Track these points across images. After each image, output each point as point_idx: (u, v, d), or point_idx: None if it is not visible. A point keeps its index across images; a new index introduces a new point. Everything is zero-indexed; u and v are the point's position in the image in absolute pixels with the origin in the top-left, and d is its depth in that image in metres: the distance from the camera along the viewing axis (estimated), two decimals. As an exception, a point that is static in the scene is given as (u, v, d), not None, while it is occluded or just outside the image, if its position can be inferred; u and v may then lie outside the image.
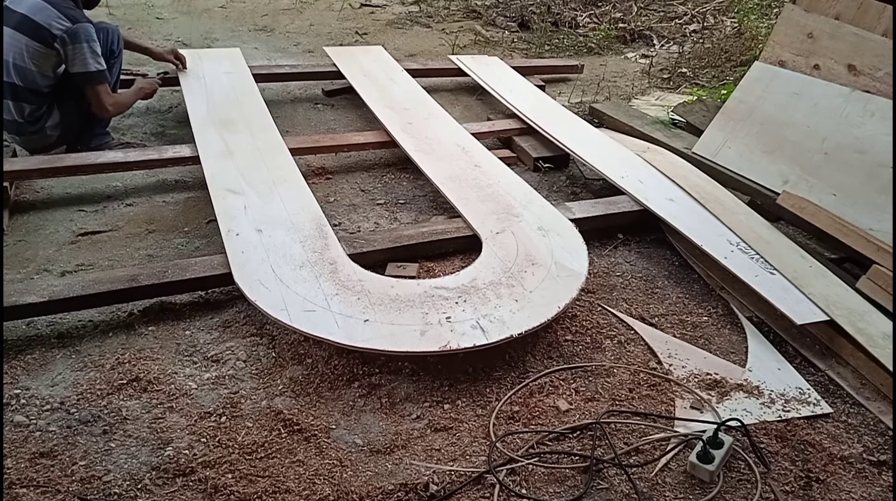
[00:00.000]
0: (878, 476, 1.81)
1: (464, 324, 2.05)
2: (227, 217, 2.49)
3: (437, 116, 3.54)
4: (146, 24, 5.26)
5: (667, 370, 2.12)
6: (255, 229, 2.43)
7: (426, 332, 2.01)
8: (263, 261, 2.24)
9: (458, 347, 1.97)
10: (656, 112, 4.05)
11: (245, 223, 2.46)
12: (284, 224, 2.48)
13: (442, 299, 2.16)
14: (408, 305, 2.12)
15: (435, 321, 2.05)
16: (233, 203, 2.58)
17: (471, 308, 2.12)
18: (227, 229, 2.42)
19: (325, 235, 2.44)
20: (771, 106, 3.15)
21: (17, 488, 1.58)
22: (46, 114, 3.02)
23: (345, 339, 1.97)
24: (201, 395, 1.91)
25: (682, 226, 2.66)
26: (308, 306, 2.08)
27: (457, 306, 2.12)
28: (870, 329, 2.17)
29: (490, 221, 2.62)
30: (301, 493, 1.63)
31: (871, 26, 2.92)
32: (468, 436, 1.85)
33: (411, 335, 2.00)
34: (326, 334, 1.98)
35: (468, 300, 2.16)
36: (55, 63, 2.96)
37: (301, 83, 4.20)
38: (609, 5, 6.31)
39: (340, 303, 2.10)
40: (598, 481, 1.73)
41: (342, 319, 2.03)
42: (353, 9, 6.19)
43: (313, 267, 2.26)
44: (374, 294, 2.15)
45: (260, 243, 2.35)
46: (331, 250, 2.36)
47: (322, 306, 2.08)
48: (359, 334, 1.98)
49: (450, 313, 2.09)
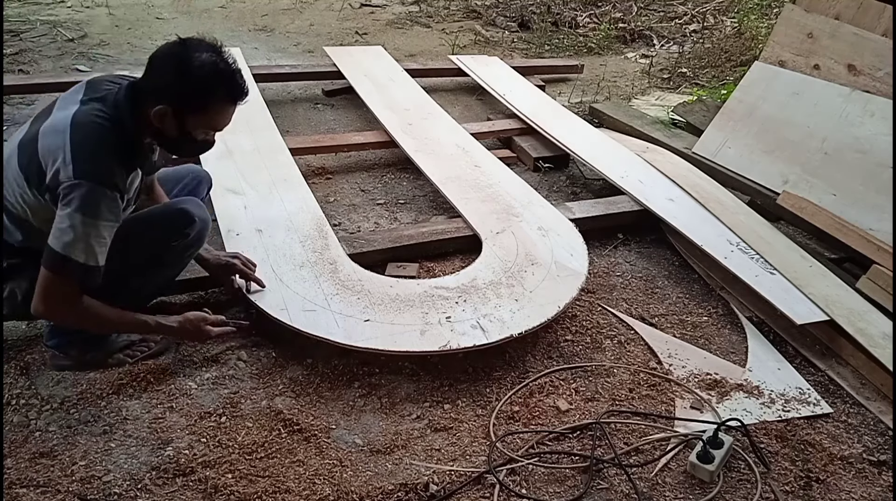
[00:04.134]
0: (878, 476, 1.81)
1: (464, 324, 2.05)
2: (227, 217, 2.49)
3: (437, 116, 3.54)
4: (146, 25, 5.25)
5: (667, 370, 2.12)
6: (255, 230, 2.43)
7: (426, 332, 2.01)
8: (264, 261, 2.24)
9: (459, 347, 1.97)
10: (656, 112, 4.05)
11: (245, 224, 2.46)
12: (284, 224, 2.48)
13: (442, 298, 2.16)
14: (408, 305, 2.12)
15: (435, 321, 2.05)
16: (233, 203, 2.58)
17: (471, 308, 2.12)
18: (228, 229, 2.42)
19: (325, 235, 2.44)
20: (771, 106, 3.14)
21: (17, 488, 1.58)
22: (14, 273, 1.84)
23: (344, 339, 1.97)
24: (201, 395, 1.90)
25: (682, 226, 2.66)
26: (308, 305, 2.08)
27: (457, 306, 2.12)
28: (870, 329, 2.17)
29: (490, 221, 2.62)
30: (301, 493, 1.63)
31: (871, 26, 2.92)
32: (468, 436, 1.85)
33: (411, 334, 2.00)
34: (326, 333, 1.98)
35: (468, 300, 2.16)
36: (43, 218, 1.74)
37: (301, 83, 4.20)
38: (609, 5, 6.31)
39: (340, 303, 2.10)
40: (598, 481, 1.73)
41: (342, 318, 2.03)
42: (353, 9, 6.19)
43: (313, 267, 2.26)
44: (375, 294, 2.15)
45: (260, 243, 2.35)
46: (331, 249, 2.36)
47: (322, 306, 2.08)
48: (358, 333, 1.98)
49: (450, 312, 2.09)
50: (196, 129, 1.77)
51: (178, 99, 1.70)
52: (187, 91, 1.70)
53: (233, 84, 1.74)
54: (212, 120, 1.77)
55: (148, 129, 1.76)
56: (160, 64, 1.72)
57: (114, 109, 1.72)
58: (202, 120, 1.76)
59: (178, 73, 1.69)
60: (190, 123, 1.75)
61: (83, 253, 1.67)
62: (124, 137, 1.73)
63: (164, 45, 1.75)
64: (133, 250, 1.86)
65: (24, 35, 4.74)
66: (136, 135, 1.76)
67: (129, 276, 1.88)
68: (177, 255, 1.98)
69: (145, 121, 1.73)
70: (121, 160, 1.72)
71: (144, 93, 1.73)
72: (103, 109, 1.71)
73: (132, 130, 1.74)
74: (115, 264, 1.75)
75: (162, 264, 1.97)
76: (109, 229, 1.71)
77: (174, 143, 1.81)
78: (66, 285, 1.71)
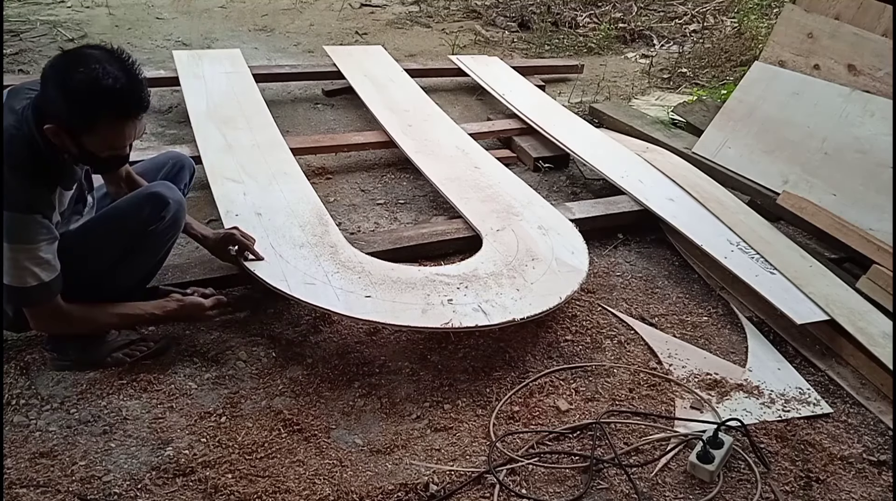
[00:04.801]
0: (878, 476, 1.81)
1: (465, 307, 2.04)
2: (225, 201, 2.46)
3: (437, 117, 3.54)
4: (146, 24, 5.25)
5: (667, 370, 2.12)
6: (254, 213, 2.41)
7: (428, 311, 2.00)
8: (263, 239, 2.23)
9: (461, 325, 1.96)
10: (656, 112, 4.05)
11: (244, 207, 2.45)
12: (284, 210, 2.47)
13: (444, 284, 2.15)
14: (409, 286, 2.11)
15: (436, 302, 2.05)
16: (232, 188, 2.57)
17: (472, 293, 2.11)
18: (226, 210, 2.40)
19: (325, 222, 2.43)
20: (771, 106, 3.14)
21: (17, 488, 1.58)
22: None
23: (345, 310, 1.95)
24: (201, 395, 1.90)
25: (682, 226, 2.66)
26: (308, 279, 2.06)
27: (458, 291, 2.12)
28: (870, 329, 2.17)
29: (490, 219, 2.62)
30: (301, 493, 1.63)
31: (871, 26, 2.92)
32: (468, 436, 1.85)
33: (413, 312, 1.98)
34: (327, 304, 1.95)
35: (470, 287, 2.15)
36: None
37: (301, 83, 4.20)
38: (609, 5, 6.31)
39: (341, 280, 2.09)
40: (598, 481, 1.73)
41: (343, 293, 2.01)
42: (353, 9, 6.19)
43: (313, 248, 2.25)
44: (375, 275, 2.14)
45: (259, 224, 2.33)
46: (331, 235, 2.35)
47: (322, 282, 2.06)
48: (359, 306, 1.96)
49: (452, 296, 2.09)
50: (94, 147, 1.65)
51: (63, 119, 1.59)
52: (70, 111, 1.58)
53: (118, 100, 1.58)
54: (105, 139, 1.64)
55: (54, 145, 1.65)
56: (45, 80, 1.60)
57: (24, 124, 1.64)
58: (95, 139, 1.63)
59: (59, 91, 1.57)
60: (86, 142, 1.63)
61: (32, 277, 1.67)
62: (38, 153, 1.64)
63: (52, 59, 1.62)
64: (112, 242, 1.85)
65: (24, 35, 4.74)
66: (48, 150, 1.65)
67: (114, 269, 1.87)
68: (157, 239, 1.93)
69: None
70: (36, 180, 1.65)
71: (40, 110, 1.63)
72: (14, 125, 1.63)
73: (43, 147, 1.64)
74: (98, 261, 1.76)
75: (144, 251, 1.93)
76: (46, 245, 1.68)
77: (80, 159, 1.71)
78: (41, 308, 1.75)
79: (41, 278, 1.68)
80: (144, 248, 1.93)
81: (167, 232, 1.95)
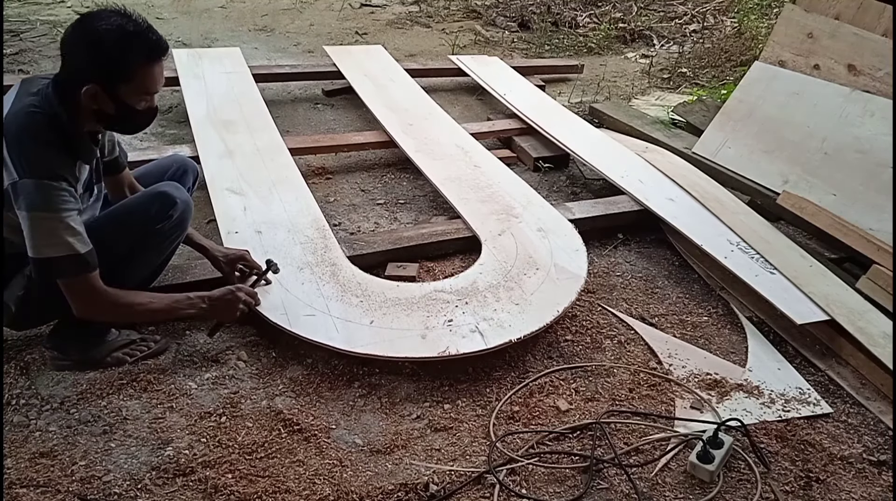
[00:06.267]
0: (878, 476, 1.81)
1: (463, 328, 2.06)
2: (226, 218, 2.49)
3: (437, 116, 3.54)
4: (146, 24, 5.25)
5: (667, 370, 2.12)
6: (254, 231, 2.43)
7: (426, 336, 2.02)
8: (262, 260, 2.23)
9: (458, 352, 1.98)
10: (656, 112, 4.05)
11: (244, 225, 2.46)
12: (284, 225, 2.48)
13: (443, 302, 2.16)
14: (408, 309, 2.13)
15: (436, 325, 2.06)
16: (232, 204, 2.58)
17: (471, 311, 2.13)
18: (227, 230, 2.42)
19: (326, 236, 2.44)
20: (771, 106, 3.15)
21: (17, 488, 1.58)
22: (5, 286, 1.83)
23: (344, 344, 1.97)
24: (201, 395, 1.90)
25: (682, 226, 2.66)
26: (308, 310, 2.08)
27: (457, 310, 2.13)
28: (870, 329, 2.17)
29: (490, 221, 2.62)
30: (301, 493, 1.63)
31: (871, 26, 2.92)
32: (468, 436, 1.85)
33: (412, 339, 2.01)
34: (326, 339, 1.99)
35: (469, 303, 2.16)
36: (8, 225, 1.72)
37: (301, 83, 4.20)
38: (609, 5, 6.31)
39: (341, 307, 2.10)
40: (598, 481, 1.73)
41: (342, 323, 2.04)
42: (353, 9, 6.19)
43: (314, 269, 2.26)
44: (374, 298, 2.16)
45: (259, 244, 2.35)
46: (331, 251, 2.36)
47: (322, 311, 2.08)
48: (358, 339, 1.99)
49: (451, 315, 2.10)
50: (131, 98, 1.70)
51: (100, 74, 1.64)
52: (106, 63, 1.63)
53: (147, 42, 1.67)
54: (141, 84, 1.69)
55: (86, 115, 1.70)
56: (70, 46, 1.66)
57: (45, 101, 1.67)
58: (132, 87, 1.68)
59: (90, 48, 1.62)
60: (123, 94, 1.68)
61: (61, 247, 1.64)
62: (60, 128, 1.67)
63: (68, 28, 1.66)
64: (119, 239, 1.84)
65: (24, 35, 4.74)
66: (70, 125, 1.69)
67: (119, 267, 1.85)
68: (163, 239, 1.93)
69: (79, 108, 1.68)
70: (59, 150, 1.67)
71: (68, 81, 1.67)
72: (34, 103, 1.67)
73: (66, 121, 1.68)
74: (104, 258, 1.75)
75: (149, 249, 1.93)
76: (73, 216, 1.66)
77: (117, 119, 1.74)
78: (74, 283, 1.70)
79: (70, 250, 1.64)
80: (150, 246, 1.92)
81: (173, 231, 1.94)
